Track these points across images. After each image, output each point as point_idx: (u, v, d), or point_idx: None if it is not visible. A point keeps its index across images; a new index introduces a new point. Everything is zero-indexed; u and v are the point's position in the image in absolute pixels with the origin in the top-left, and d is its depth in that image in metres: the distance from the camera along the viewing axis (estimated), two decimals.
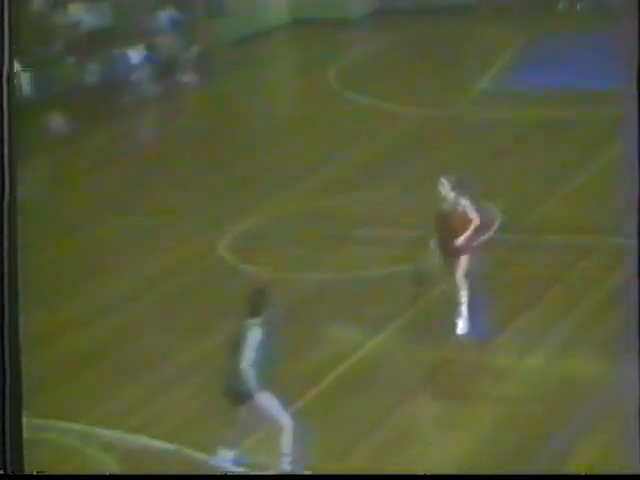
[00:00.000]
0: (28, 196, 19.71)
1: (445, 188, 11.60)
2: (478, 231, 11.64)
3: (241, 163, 19.29)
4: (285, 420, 9.70)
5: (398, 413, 10.90)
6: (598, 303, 12.88)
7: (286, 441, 9.69)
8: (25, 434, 9.74)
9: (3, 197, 5.28)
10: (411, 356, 11.69)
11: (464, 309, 11.72)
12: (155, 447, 10.62)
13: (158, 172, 19.41)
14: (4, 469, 5.04)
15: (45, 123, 21.75)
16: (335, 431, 10.40)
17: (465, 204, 11.64)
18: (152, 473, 9.06)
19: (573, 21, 26.77)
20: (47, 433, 10.77)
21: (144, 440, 10.75)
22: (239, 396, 9.78)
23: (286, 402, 10.84)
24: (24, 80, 22.29)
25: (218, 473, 9.26)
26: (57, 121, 21.89)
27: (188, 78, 25.07)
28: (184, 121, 23.36)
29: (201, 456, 10.34)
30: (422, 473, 8.83)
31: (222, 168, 19.07)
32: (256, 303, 9.90)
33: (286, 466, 9.71)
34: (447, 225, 11.57)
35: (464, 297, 11.71)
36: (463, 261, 11.66)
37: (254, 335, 9.65)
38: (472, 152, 18.60)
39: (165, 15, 25.65)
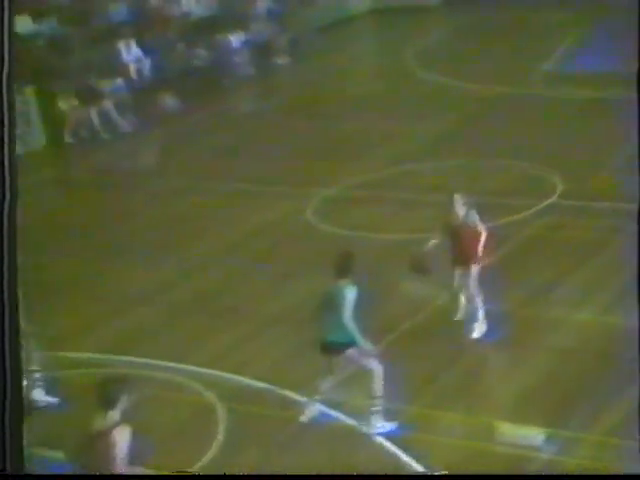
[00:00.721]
0: (142, 165, 20.28)
1: (457, 203, 11.28)
2: (486, 242, 11.35)
3: (327, 135, 19.29)
4: (376, 366, 9.65)
5: (463, 360, 10.88)
6: None
7: (377, 386, 9.62)
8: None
9: (4, 197, 4.78)
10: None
11: (480, 314, 11.46)
12: (251, 386, 10.71)
13: (254, 143, 19.54)
14: (4, 469, 4.77)
15: (161, 101, 21.98)
16: (407, 375, 10.38)
17: (474, 217, 11.33)
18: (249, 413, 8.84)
19: (631, 9, 26.12)
20: (161, 372, 10.96)
21: (241, 380, 10.86)
22: (339, 347, 9.62)
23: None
24: (145, 64, 22.51)
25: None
26: (171, 100, 22.10)
27: (281, 60, 25.09)
28: (277, 98, 23.41)
29: (292, 395, 10.39)
30: (427, 474, 8.65)
31: (310, 140, 19.10)
32: (344, 265, 9.69)
33: (377, 408, 9.67)
34: (459, 238, 11.19)
35: (480, 303, 11.46)
36: (474, 270, 11.40)
37: (351, 293, 9.49)
38: (535, 127, 18.40)
39: (262, 5, 25.69)
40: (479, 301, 11.31)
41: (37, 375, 10.35)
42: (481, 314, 11.31)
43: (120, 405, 7.48)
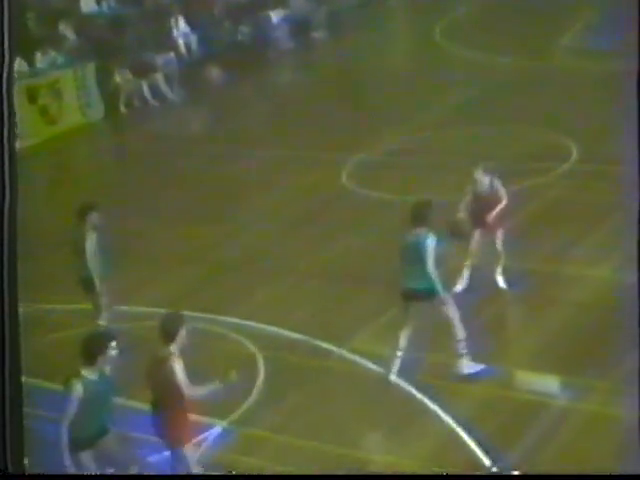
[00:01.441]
0: (190, 132, 20.24)
1: (480, 173, 11.10)
2: (505, 209, 11.16)
3: (362, 104, 19.10)
4: (454, 311, 9.46)
5: (486, 312, 10.77)
6: None
7: (459, 330, 9.45)
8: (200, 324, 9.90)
9: (4, 197, 4.63)
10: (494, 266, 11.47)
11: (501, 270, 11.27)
12: (289, 337, 10.70)
13: (294, 112, 19.44)
14: (4, 469, 4.61)
15: (208, 74, 21.92)
16: (432, 326, 10.29)
17: (498, 185, 11.07)
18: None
19: None
20: (207, 324, 10.97)
21: (280, 331, 10.85)
22: (420, 294, 9.37)
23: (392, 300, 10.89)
24: (193, 39, 22.45)
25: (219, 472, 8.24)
26: (216, 72, 22.03)
27: (319, 34, 24.87)
28: (315, 70, 23.25)
29: (328, 346, 10.38)
30: (428, 474, 8.39)
31: (346, 109, 18.92)
32: (422, 214, 9.40)
33: (464, 351, 9.51)
34: (484, 205, 10.99)
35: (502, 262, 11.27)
36: (499, 234, 11.24)
37: (432, 241, 9.22)
38: (555, 96, 18.14)
39: None
40: (501, 260, 11.16)
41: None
42: (501, 270, 11.19)
43: (179, 339, 7.59)
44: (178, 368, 7.49)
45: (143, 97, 20.71)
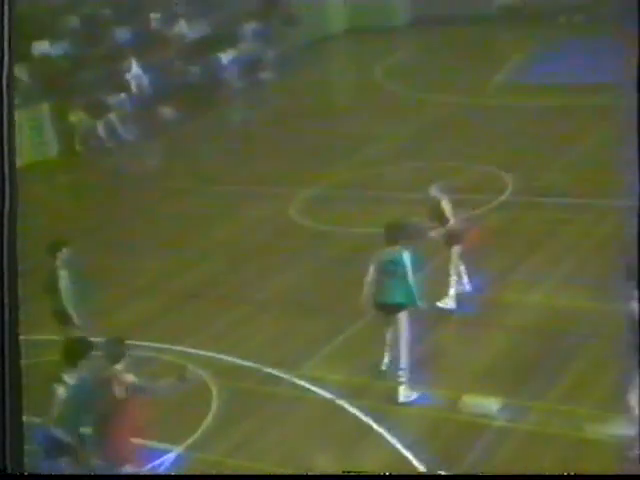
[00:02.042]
0: (144, 169, 20.13)
1: (434, 190, 11.25)
2: (448, 230, 11.27)
3: (307, 142, 19.21)
4: (408, 334, 9.54)
5: (429, 336, 10.82)
6: (589, 251, 12.71)
7: (405, 354, 9.53)
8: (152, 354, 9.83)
9: (4, 200, 4.52)
10: (440, 293, 11.56)
11: (455, 280, 11.39)
12: (241, 365, 10.65)
13: (243, 150, 19.47)
14: (4, 469, 4.53)
15: (160, 113, 21.89)
16: (374, 355, 10.34)
17: (446, 206, 11.17)
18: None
19: (571, 29, 26.33)
20: (161, 353, 10.89)
21: (232, 359, 10.79)
22: (400, 308, 9.51)
23: (340, 328, 10.92)
24: (144, 80, 22.40)
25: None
26: (169, 111, 22.01)
27: (266, 75, 24.98)
28: (264, 108, 23.32)
29: (277, 372, 10.35)
30: (430, 473, 8.43)
31: (292, 145, 19.03)
32: (395, 233, 9.62)
33: (403, 379, 9.54)
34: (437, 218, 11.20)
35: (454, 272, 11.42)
36: (456, 249, 11.35)
37: (407, 256, 9.42)
38: (491, 131, 18.40)
39: (249, 26, 25.54)
40: (456, 273, 11.34)
41: None
42: (452, 291, 11.30)
43: (124, 361, 7.63)
44: (121, 382, 7.50)
45: (98, 136, 20.61)
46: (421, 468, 8.45)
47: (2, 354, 4.51)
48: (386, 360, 10.00)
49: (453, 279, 11.33)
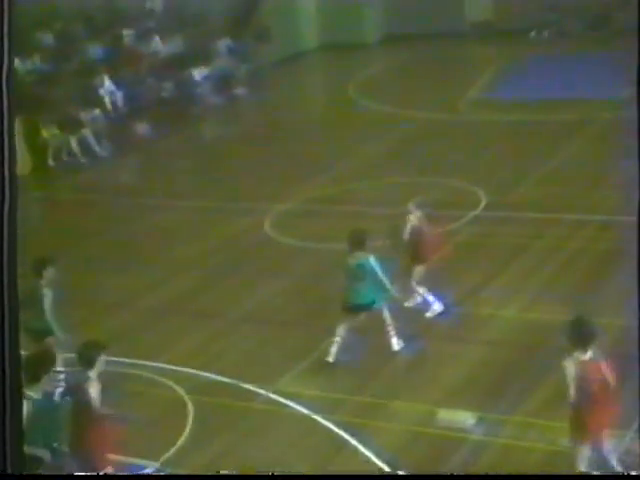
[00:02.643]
0: (118, 185, 20.06)
1: (414, 207, 11.36)
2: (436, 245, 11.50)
3: (281, 157, 19.23)
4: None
5: (406, 350, 10.85)
6: (561, 265, 12.81)
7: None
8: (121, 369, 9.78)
9: (4, 199, 4.52)
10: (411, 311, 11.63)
11: (431, 298, 11.55)
12: (217, 381, 10.62)
13: (217, 165, 19.46)
14: (4, 469, 4.52)
15: (134, 129, 21.85)
16: (355, 369, 10.38)
17: (424, 221, 11.36)
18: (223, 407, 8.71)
19: (540, 45, 26.61)
20: (134, 369, 10.83)
21: (208, 375, 10.76)
22: (366, 308, 10.34)
23: (315, 344, 10.91)
24: (118, 96, 22.34)
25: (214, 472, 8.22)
26: (142, 127, 21.97)
27: (240, 91, 25.01)
28: (237, 124, 23.34)
29: (254, 388, 10.32)
30: (425, 473, 8.48)
31: (266, 161, 19.05)
32: (360, 239, 10.29)
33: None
34: (414, 238, 11.30)
35: (417, 298, 11.64)
36: (419, 269, 11.50)
37: (373, 260, 10.16)
38: (462, 147, 18.52)
39: (222, 43, 25.60)
40: (423, 291, 11.50)
41: None
42: (431, 297, 11.48)
43: (98, 365, 7.78)
44: (93, 391, 7.64)
45: (71, 151, 20.51)
46: None
47: (2, 355, 4.52)
48: (334, 350, 10.39)
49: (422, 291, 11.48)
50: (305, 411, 9.78)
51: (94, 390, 7.66)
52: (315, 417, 9.63)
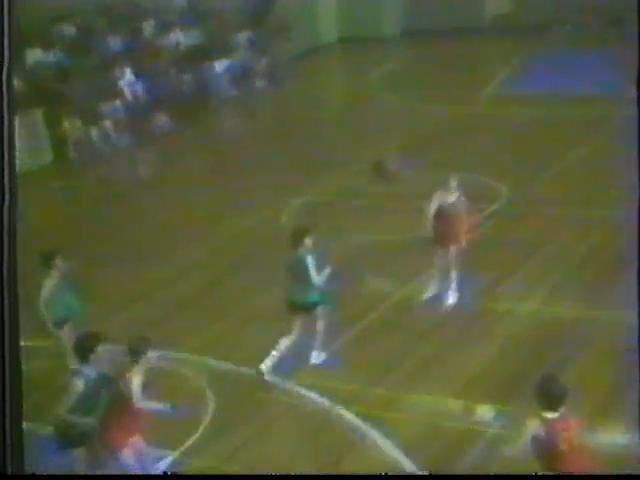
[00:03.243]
0: (138, 177, 20.08)
1: (451, 185, 11.35)
2: (471, 226, 11.49)
3: (300, 150, 19.24)
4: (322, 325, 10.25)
5: (422, 345, 10.87)
6: (580, 260, 12.78)
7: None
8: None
9: (3, 199, 4.56)
10: (431, 303, 11.65)
11: (454, 285, 11.57)
12: (236, 371, 10.66)
13: (237, 157, 19.49)
14: (4, 469, 4.50)
15: (154, 121, 21.90)
16: (374, 362, 10.41)
17: (462, 200, 11.34)
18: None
19: (560, 40, 26.51)
20: (157, 359, 10.86)
21: (227, 366, 10.80)
22: (307, 307, 10.21)
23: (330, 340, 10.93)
24: (138, 88, 22.40)
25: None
26: (162, 119, 22.01)
27: (260, 83, 25.04)
28: (257, 117, 23.36)
29: (273, 379, 10.35)
30: (428, 473, 8.43)
31: (285, 154, 19.07)
32: (299, 238, 10.10)
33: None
34: (446, 218, 11.25)
35: (454, 275, 11.58)
36: (453, 249, 11.48)
37: (310, 260, 9.98)
38: (482, 141, 18.48)
39: (242, 35, 25.62)
40: (454, 274, 11.46)
41: None
42: (454, 285, 11.46)
43: (144, 359, 7.95)
44: (135, 381, 7.76)
45: (92, 143, 20.62)
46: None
47: (2, 356, 4.49)
48: (270, 363, 10.27)
49: (453, 276, 11.51)
50: (324, 402, 9.81)
51: (136, 380, 7.79)
52: (334, 408, 9.64)
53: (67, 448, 7.72)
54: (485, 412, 9.23)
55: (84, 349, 7.87)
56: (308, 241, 10.08)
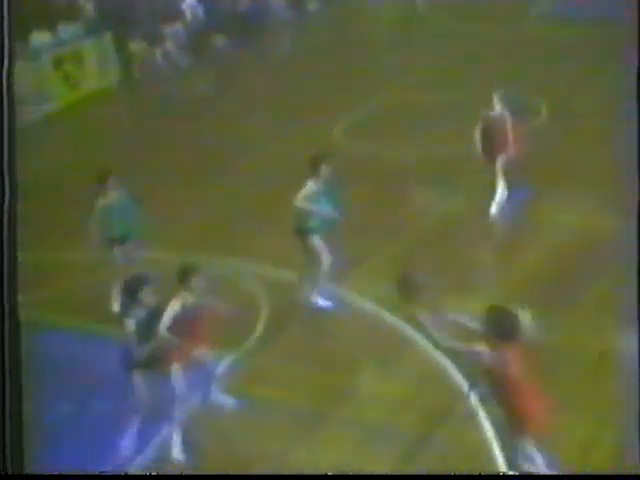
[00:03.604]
0: (198, 95, 19.93)
1: (495, 100, 11.10)
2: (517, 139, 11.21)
3: (354, 66, 18.88)
4: (327, 258, 9.66)
5: (468, 253, 10.71)
6: (620, 175, 12.45)
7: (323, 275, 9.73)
8: None
9: (3, 197, 4.23)
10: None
11: (500, 190, 11.40)
12: (289, 276, 10.57)
13: (291, 76, 19.28)
14: (4, 469, 4.35)
15: (213, 41, 21.73)
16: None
17: (508, 116, 11.10)
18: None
19: None
20: (216, 266, 10.86)
21: (281, 271, 10.70)
22: (302, 232, 9.75)
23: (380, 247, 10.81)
24: (199, 10, 22.12)
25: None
26: (220, 40, 21.81)
27: (313, 6, 24.63)
28: (311, 38, 23.03)
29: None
30: (429, 474, 8.16)
31: (340, 71, 18.80)
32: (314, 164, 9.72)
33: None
34: (492, 132, 11.05)
35: (501, 187, 11.40)
36: (501, 159, 11.25)
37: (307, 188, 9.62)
38: (527, 60, 17.99)
39: None
40: (500, 181, 11.32)
41: None
42: (500, 197, 11.39)
43: (191, 284, 7.72)
44: (170, 306, 7.64)
45: (156, 63, 20.56)
46: (456, 375, 8.42)
47: (2, 356, 4.34)
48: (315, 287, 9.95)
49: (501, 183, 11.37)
50: (372, 308, 9.76)
51: (171, 306, 7.66)
52: (381, 313, 9.61)
53: (128, 370, 7.75)
54: (524, 316, 9.10)
55: (131, 292, 7.75)
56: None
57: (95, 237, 9.98)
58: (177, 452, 7.86)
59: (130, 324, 7.73)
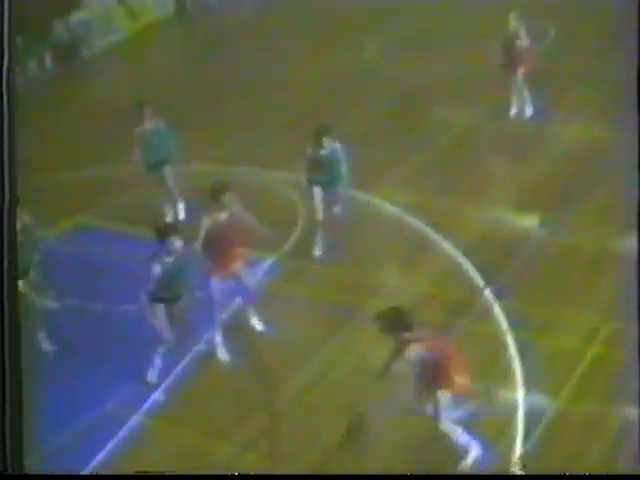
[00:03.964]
0: (244, 20, 19.43)
1: (512, 18, 11.53)
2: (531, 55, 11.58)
3: None
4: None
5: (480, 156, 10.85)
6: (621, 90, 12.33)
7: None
8: None
9: (3, 197, 4.11)
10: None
11: (529, 100, 11.66)
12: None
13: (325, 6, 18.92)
14: (5, 469, 4.12)
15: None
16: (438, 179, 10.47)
17: (524, 35, 11.58)
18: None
19: None
20: (257, 177, 11.10)
21: None
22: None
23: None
24: None
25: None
26: None
27: None
28: None
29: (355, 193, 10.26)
30: (428, 474, 8.07)
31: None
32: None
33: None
34: (511, 46, 11.52)
35: (526, 93, 11.76)
36: (519, 71, 11.70)
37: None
38: None
39: None
40: (527, 94, 11.70)
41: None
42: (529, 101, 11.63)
43: (223, 201, 7.61)
44: (204, 223, 7.60)
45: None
46: (474, 273, 8.68)
47: (2, 355, 4.14)
48: None
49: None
50: (397, 211, 9.99)
51: (206, 222, 7.60)
52: (405, 217, 9.82)
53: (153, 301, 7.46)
54: (531, 220, 9.33)
55: (162, 236, 7.35)
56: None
57: (138, 161, 10.02)
58: (221, 352, 7.87)
59: (155, 268, 7.30)
